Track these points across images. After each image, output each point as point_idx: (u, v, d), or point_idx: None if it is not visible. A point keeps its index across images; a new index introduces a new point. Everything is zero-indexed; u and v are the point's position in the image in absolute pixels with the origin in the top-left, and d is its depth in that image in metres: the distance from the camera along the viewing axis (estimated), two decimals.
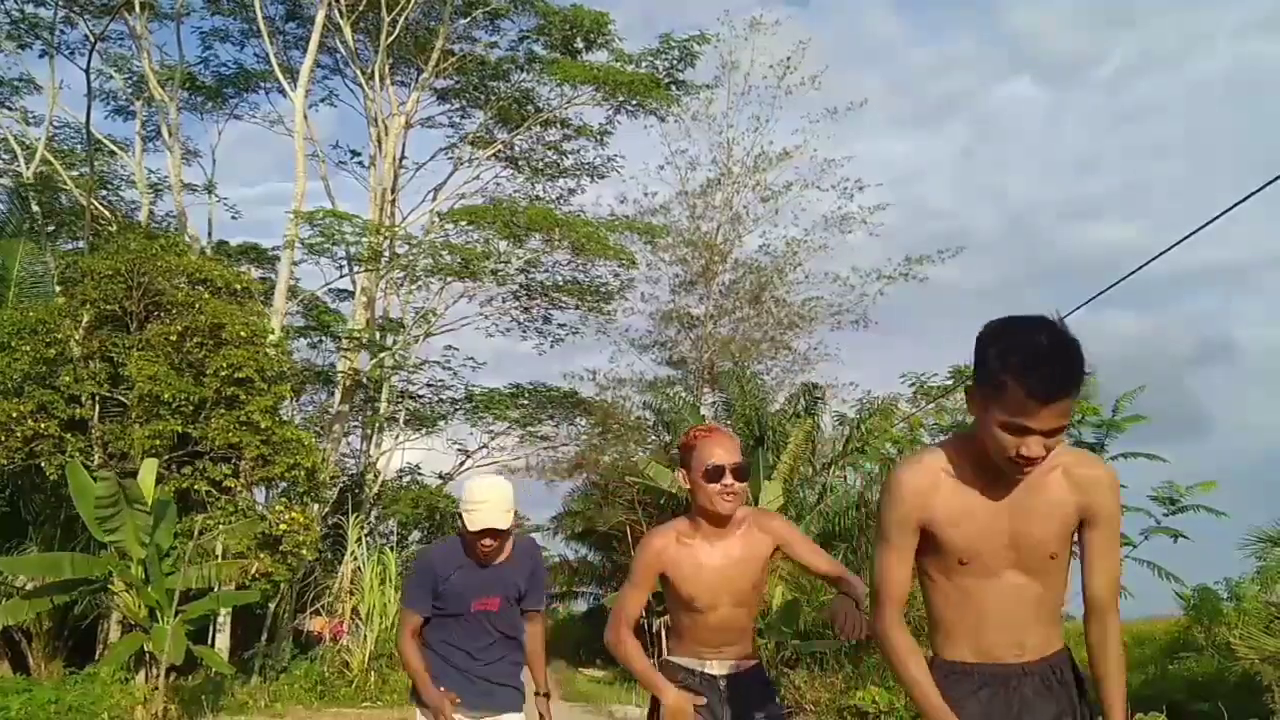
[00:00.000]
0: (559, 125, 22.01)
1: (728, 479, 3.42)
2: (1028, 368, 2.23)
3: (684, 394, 23.33)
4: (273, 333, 15.61)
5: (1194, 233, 7.57)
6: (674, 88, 21.03)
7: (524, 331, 22.30)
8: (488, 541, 4.12)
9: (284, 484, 15.32)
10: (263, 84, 21.59)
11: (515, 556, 4.36)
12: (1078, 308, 9.11)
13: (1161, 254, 8.08)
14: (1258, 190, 6.93)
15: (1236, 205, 7.03)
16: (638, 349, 25.42)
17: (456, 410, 22.49)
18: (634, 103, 20.75)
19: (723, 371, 22.13)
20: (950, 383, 13.04)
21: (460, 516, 4.16)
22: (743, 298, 24.61)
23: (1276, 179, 6.78)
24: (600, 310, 22.57)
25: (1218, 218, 7.28)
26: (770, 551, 3.58)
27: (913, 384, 13.75)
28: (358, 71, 20.68)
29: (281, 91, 20.09)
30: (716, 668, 3.59)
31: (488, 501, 4.08)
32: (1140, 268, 8.24)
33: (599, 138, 21.96)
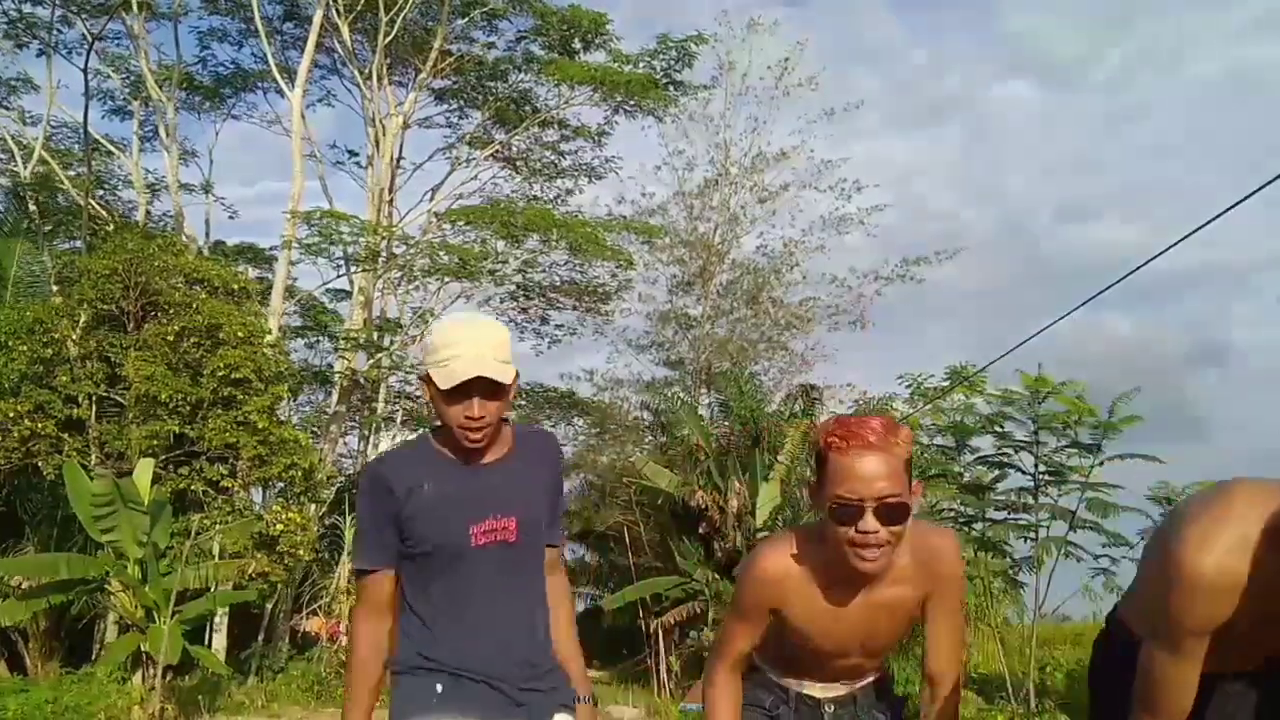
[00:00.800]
0: (557, 126, 22.00)
1: (868, 523, 2.30)
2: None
3: (681, 394, 23.29)
4: (270, 333, 15.61)
5: (1190, 234, 7.57)
6: (671, 88, 21.03)
7: (521, 332, 22.30)
8: (476, 411, 2.57)
9: (281, 484, 15.32)
10: (260, 84, 21.61)
11: (524, 450, 2.80)
12: (1075, 309, 9.12)
13: (1158, 255, 8.08)
14: (1254, 193, 6.92)
15: (1233, 207, 7.03)
16: (635, 349, 25.38)
17: None
18: (631, 103, 20.75)
19: (720, 372, 22.09)
20: (947, 384, 13.02)
21: (425, 383, 2.67)
22: (740, 298, 24.57)
23: (1273, 181, 6.77)
24: (598, 311, 22.55)
25: (1214, 219, 7.27)
26: (927, 591, 2.57)
27: (909, 385, 13.69)
28: (355, 71, 20.67)
29: (279, 91, 20.09)
30: (820, 690, 2.74)
31: (467, 340, 2.60)
32: (1136, 269, 8.25)
33: (596, 138, 21.97)
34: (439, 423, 2.72)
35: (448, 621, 2.71)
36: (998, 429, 11.25)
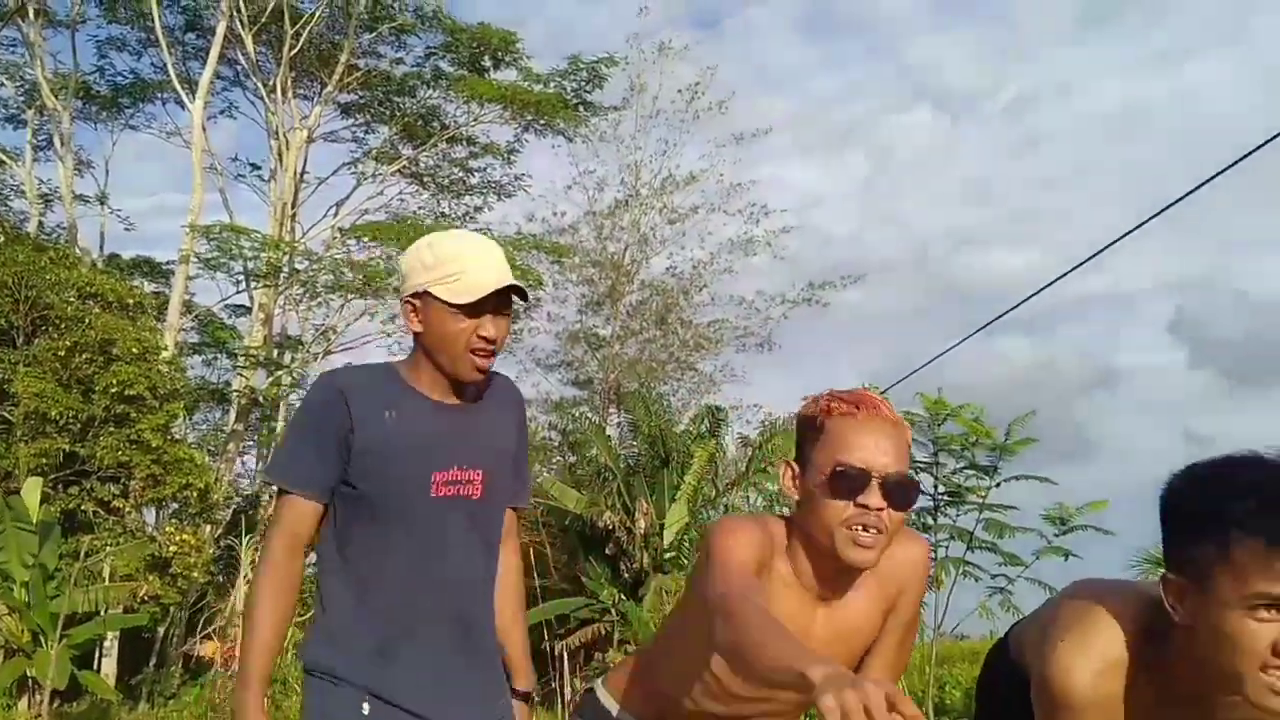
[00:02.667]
0: (465, 143, 21.88)
1: (872, 497, 1.96)
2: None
3: (590, 414, 23.27)
4: (166, 349, 15.28)
5: (1082, 263, 7.82)
6: (582, 109, 21.07)
7: None
8: (492, 330, 2.30)
9: (175, 504, 14.97)
10: (160, 95, 21.11)
11: (492, 394, 2.50)
12: (971, 334, 9.34)
13: (1051, 284, 8.32)
14: (1142, 224, 7.16)
15: (1123, 237, 7.27)
16: (543, 369, 25.32)
17: None
18: (541, 122, 20.74)
19: (629, 392, 22.10)
20: None
21: (414, 307, 2.33)
22: (649, 319, 24.67)
23: (1160, 214, 7.02)
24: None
25: (1105, 249, 7.53)
26: (893, 603, 2.21)
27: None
28: (259, 84, 20.33)
29: (180, 103, 19.64)
30: None
31: (481, 251, 2.35)
32: (1030, 296, 8.49)
33: (506, 156, 21.89)
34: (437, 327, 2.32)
35: (386, 593, 2.30)
36: None
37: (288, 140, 20.13)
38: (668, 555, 15.72)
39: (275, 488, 2.40)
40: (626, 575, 15.74)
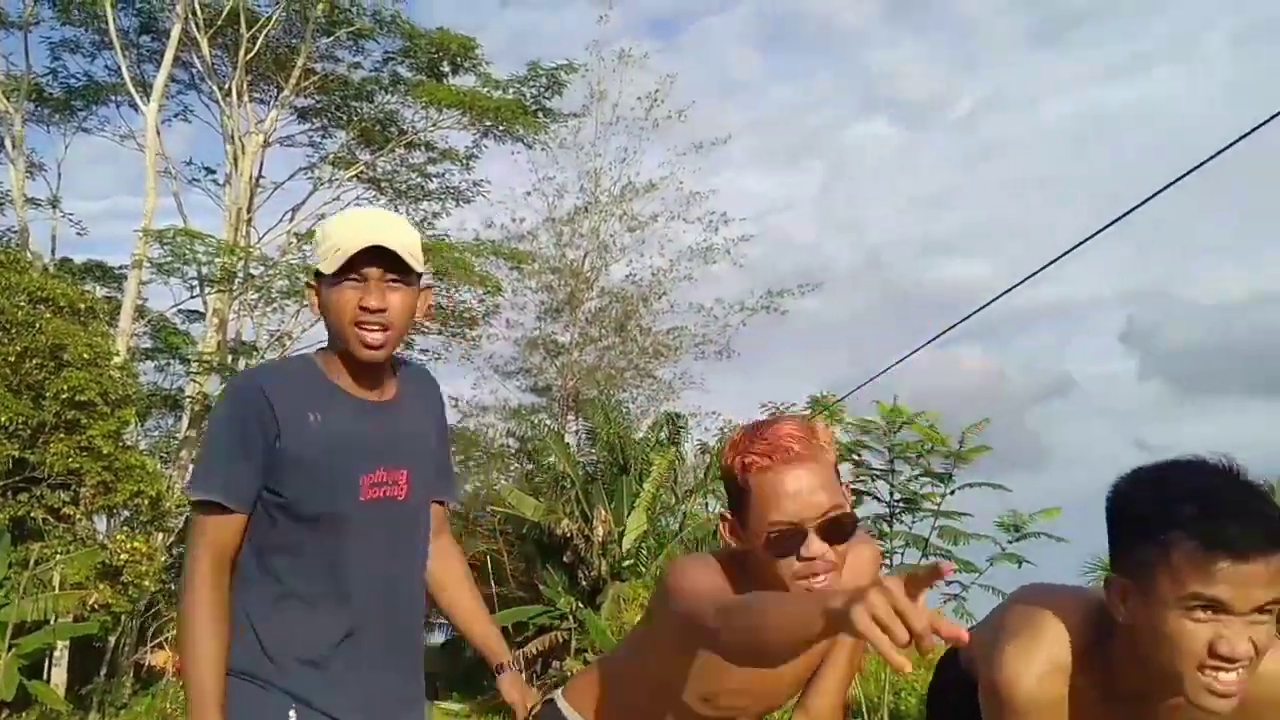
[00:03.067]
0: (424, 148, 21.77)
1: (813, 547, 1.94)
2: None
3: (548, 422, 23.22)
4: (117, 354, 15.08)
5: (1037, 272, 7.87)
6: (541, 115, 21.02)
7: None
8: (374, 300, 2.17)
9: (126, 512, 14.76)
10: (114, 97, 20.82)
11: (410, 389, 2.42)
12: (926, 343, 9.38)
13: (1006, 292, 8.38)
14: (1097, 233, 7.23)
15: (1077, 246, 7.33)
16: (502, 376, 25.23)
17: None
18: (501, 128, 20.68)
19: (587, 399, 22.09)
20: (809, 413, 13.28)
21: (312, 291, 2.28)
22: (608, 326, 24.66)
23: (1113, 224, 7.10)
24: (464, 336, 22.32)
25: (1059, 258, 7.58)
26: None
27: (772, 413, 13.96)
28: (214, 87, 20.11)
29: (134, 106, 19.42)
30: None
31: (363, 218, 2.29)
32: (986, 305, 8.54)
33: (465, 162, 21.80)
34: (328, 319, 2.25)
35: (315, 601, 2.21)
36: (856, 458, 11.51)
37: (243, 144, 19.94)
38: (626, 563, 15.70)
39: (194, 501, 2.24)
40: (584, 583, 15.70)
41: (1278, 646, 1.82)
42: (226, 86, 19.84)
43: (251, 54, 19.16)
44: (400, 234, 2.22)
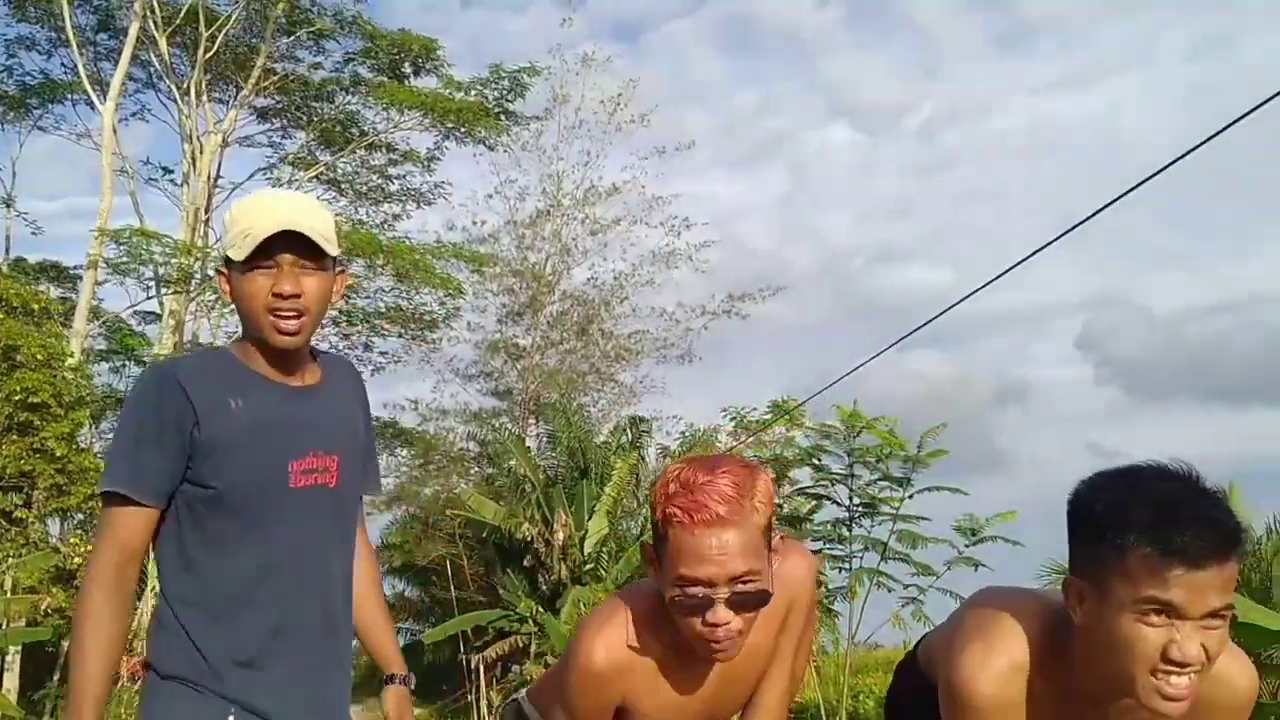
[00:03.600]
0: (385, 149, 21.64)
1: (718, 615, 1.91)
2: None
3: (509, 425, 23.14)
4: (72, 356, 14.89)
5: (994, 279, 7.94)
6: (504, 117, 20.96)
7: None
8: (287, 285, 2.12)
9: (80, 515, 14.58)
10: (71, 95, 20.55)
11: (333, 377, 2.36)
12: (886, 349, 9.45)
13: (966, 298, 8.45)
14: (1054, 240, 7.31)
15: (1033, 254, 7.41)
16: (462, 379, 25.10)
17: None
18: (462, 131, 20.59)
19: (549, 403, 22.03)
20: (769, 417, 13.33)
21: (222, 279, 2.22)
22: (570, 329, 24.62)
23: (1068, 232, 7.18)
24: (424, 339, 22.20)
25: (1015, 266, 7.65)
26: (782, 622, 2.18)
27: (733, 418, 14.01)
28: (173, 86, 19.90)
29: (90, 104, 19.20)
30: None
31: (272, 202, 2.22)
32: (944, 311, 8.59)
33: (426, 164, 21.69)
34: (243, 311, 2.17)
35: (249, 597, 2.12)
36: (815, 462, 11.56)
37: (201, 144, 19.74)
38: (586, 567, 15.69)
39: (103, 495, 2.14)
40: (544, 587, 15.68)
41: (1230, 646, 1.86)
42: (185, 85, 19.64)
43: (210, 53, 18.98)
44: (312, 217, 2.15)
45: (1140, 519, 1.72)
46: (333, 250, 2.17)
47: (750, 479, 1.95)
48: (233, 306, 2.23)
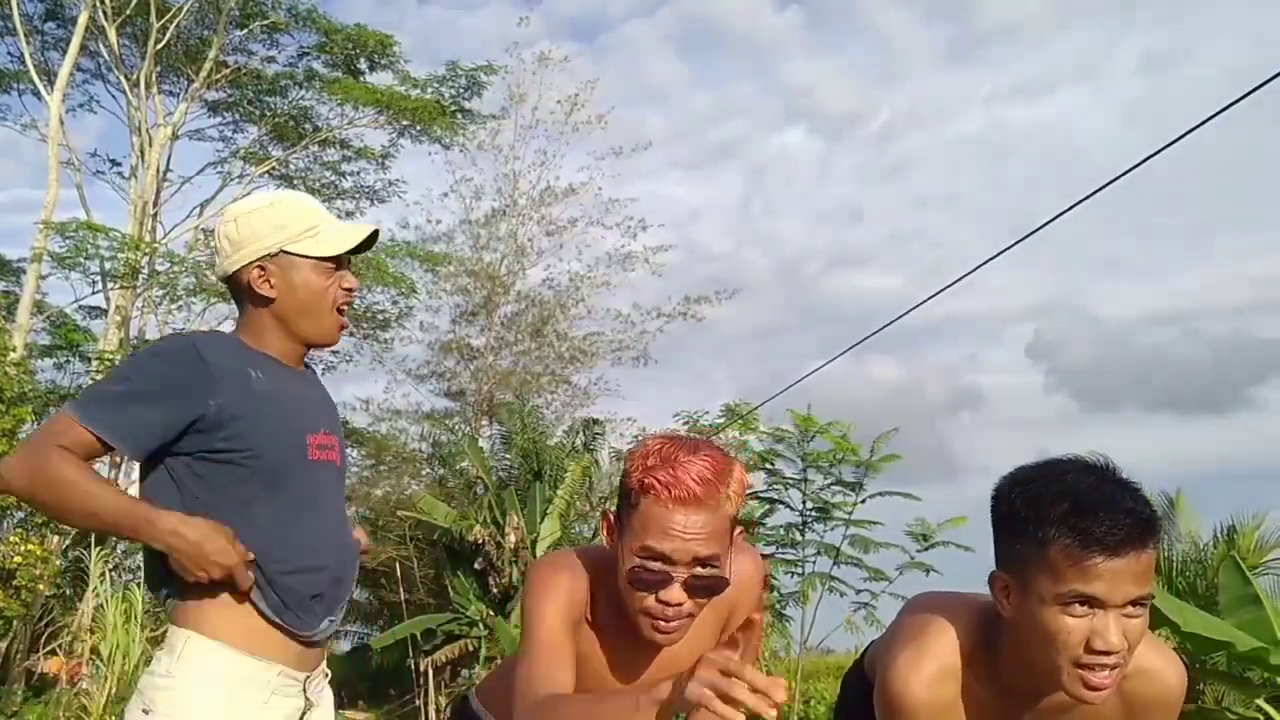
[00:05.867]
0: (338, 146, 21.43)
1: (672, 594, 1.90)
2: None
3: (462, 426, 22.98)
4: (14, 350, 14.58)
5: (947, 286, 7.98)
6: (460, 116, 20.82)
7: None
8: (351, 281, 2.31)
9: (20, 513, 14.29)
10: (16, 85, 20.16)
11: (309, 370, 2.47)
12: (840, 354, 9.47)
13: (917, 305, 8.48)
14: (1007, 249, 7.35)
15: (986, 262, 7.45)
16: (415, 379, 24.89)
17: None
18: (418, 128, 20.44)
19: (502, 404, 21.92)
20: (722, 420, 13.31)
21: (265, 272, 2.23)
22: (524, 330, 24.51)
23: (1023, 240, 7.22)
24: (376, 338, 22.01)
25: (969, 274, 7.70)
26: (724, 623, 2.18)
27: (686, 421, 13.99)
28: (122, 78, 19.57)
29: (37, 94, 18.82)
30: None
31: (322, 209, 2.33)
32: (898, 318, 8.63)
33: (380, 161, 21.51)
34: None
35: (286, 554, 2.14)
36: (769, 466, 11.56)
37: (150, 137, 19.44)
38: None
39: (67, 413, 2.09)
40: (495, 590, 15.54)
41: (1156, 643, 1.94)
42: (134, 77, 19.33)
43: (161, 44, 18.70)
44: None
45: (1058, 511, 1.76)
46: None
47: (728, 467, 1.95)
48: (265, 298, 2.28)
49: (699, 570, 1.88)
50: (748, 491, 2.11)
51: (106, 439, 2.06)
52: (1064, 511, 1.76)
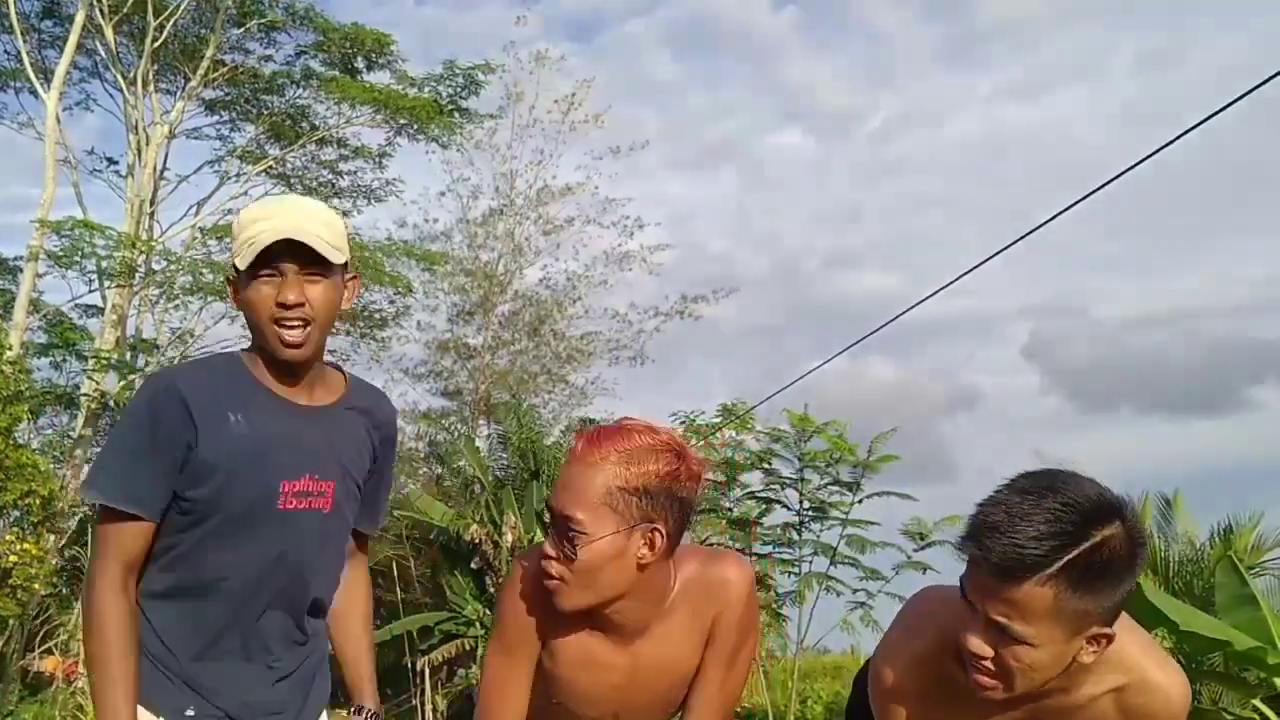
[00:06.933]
0: (335, 144, 21.40)
1: (545, 546, 2.01)
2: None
3: (459, 425, 22.97)
4: (10, 349, 14.56)
5: (944, 286, 7.99)
6: (457, 115, 20.80)
7: None
8: (292, 294, 2.07)
9: (16, 513, 14.26)
10: (13, 83, 20.13)
11: (358, 402, 2.30)
12: (837, 354, 9.49)
13: (915, 305, 8.49)
14: (1003, 249, 7.36)
15: (984, 263, 7.45)
16: (412, 378, 24.89)
17: None
18: (415, 127, 20.42)
19: (499, 404, 21.91)
20: (719, 420, 13.32)
21: (231, 285, 2.19)
22: (522, 330, 24.50)
23: (1019, 240, 7.23)
24: (373, 337, 21.99)
25: (966, 273, 7.71)
26: (708, 633, 2.10)
27: (683, 421, 13.99)
28: (119, 76, 19.54)
29: (34, 92, 18.80)
30: None
31: (280, 208, 2.14)
32: (896, 318, 8.65)
33: (377, 160, 21.48)
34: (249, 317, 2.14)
35: (220, 608, 2.12)
36: (766, 466, 11.56)
37: (147, 135, 19.41)
38: None
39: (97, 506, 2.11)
40: (492, 589, 15.55)
41: (1161, 659, 1.94)
42: (131, 75, 19.30)
43: (159, 43, 18.67)
44: (318, 223, 2.11)
45: (976, 517, 1.81)
46: (339, 257, 2.13)
47: (632, 440, 1.95)
48: (239, 315, 2.24)
49: (559, 519, 1.94)
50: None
51: (125, 509, 2.05)
52: (978, 520, 1.80)
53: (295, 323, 2.09)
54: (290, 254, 2.07)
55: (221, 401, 2.10)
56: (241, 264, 2.08)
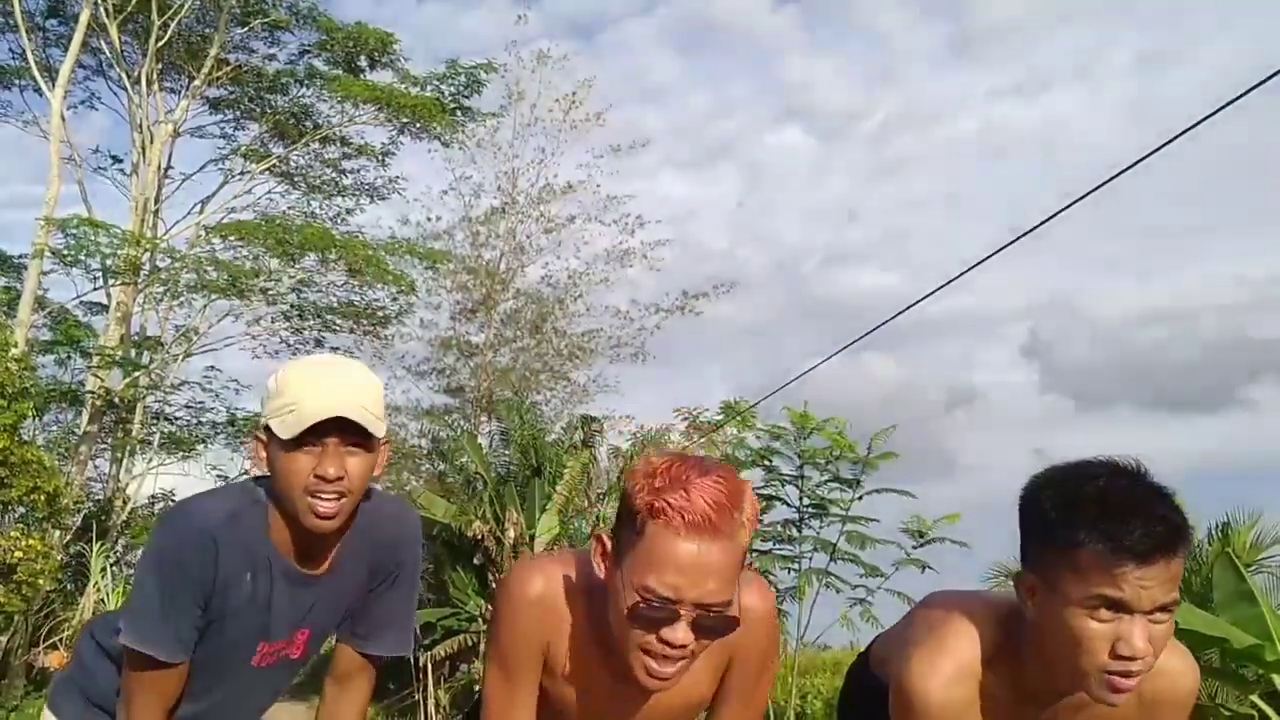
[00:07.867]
0: (339, 143, 21.46)
1: (677, 634, 1.69)
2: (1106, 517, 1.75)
3: (462, 422, 23.01)
4: (16, 346, 14.60)
5: (943, 285, 8.03)
6: (459, 113, 20.86)
7: (294, 354, 21.48)
8: (331, 469, 1.99)
9: (22, 509, 14.30)
10: (18, 82, 20.20)
11: (364, 541, 2.22)
12: (837, 352, 9.53)
13: (918, 302, 8.53)
14: (1003, 247, 7.40)
15: (982, 261, 7.50)
16: (415, 376, 24.91)
17: (217, 434, 21.42)
18: (417, 126, 20.47)
19: (501, 401, 21.93)
20: (721, 418, 13.38)
21: (259, 445, 2.09)
22: (523, 327, 24.52)
23: (1018, 239, 7.27)
24: (376, 335, 22.04)
25: (965, 272, 7.75)
26: (726, 663, 1.97)
27: (685, 418, 14.06)
28: (123, 75, 19.60)
29: (39, 91, 18.87)
30: None
31: (324, 378, 2.06)
32: (895, 316, 8.68)
33: (380, 158, 21.54)
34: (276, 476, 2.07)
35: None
36: (766, 463, 11.62)
37: (152, 134, 19.47)
38: None
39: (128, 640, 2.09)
40: (494, 585, 15.59)
41: (1173, 644, 1.91)
42: (136, 74, 19.37)
43: (163, 41, 18.74)
44: (364, 395, 2.05)
45: (1088, 515, 1.74)
46: (381, 430, 2.07)
47: (741, 490, 1.74)
48: (261, 473, 2.16)
49: (712, 608, 1.68)
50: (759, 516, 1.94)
51: (164, 660, 2.06)
52: (1095, 516, 1.73)
53: (331, 495, 2.01)
54: (335, 426, 1.99)
55: (240, 562, 2.07)
56: (285, 433, 1.98)
